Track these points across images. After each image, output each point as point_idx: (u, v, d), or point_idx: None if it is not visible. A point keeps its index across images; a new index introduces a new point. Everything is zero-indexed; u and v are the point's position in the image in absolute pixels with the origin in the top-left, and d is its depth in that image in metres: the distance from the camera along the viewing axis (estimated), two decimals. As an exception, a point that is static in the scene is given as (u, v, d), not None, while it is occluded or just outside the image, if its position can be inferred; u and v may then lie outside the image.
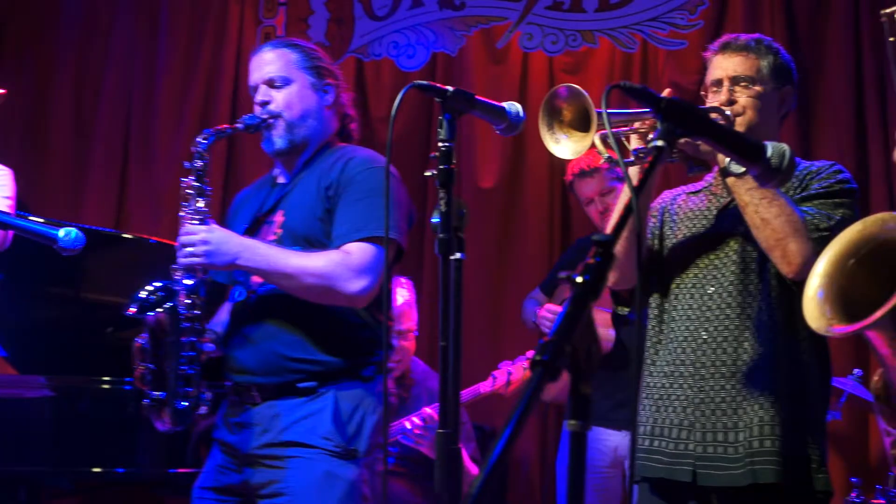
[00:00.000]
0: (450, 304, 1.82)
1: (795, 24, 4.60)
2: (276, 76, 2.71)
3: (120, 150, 5.53)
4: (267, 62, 2.73)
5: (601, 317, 3.81)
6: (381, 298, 2.51)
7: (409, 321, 3.80)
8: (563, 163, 3.83)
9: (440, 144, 1.89)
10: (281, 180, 2.81)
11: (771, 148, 1.52)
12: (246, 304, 2.67)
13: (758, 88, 2.47)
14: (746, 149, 1.48)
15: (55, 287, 3.71)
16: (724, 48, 2.54)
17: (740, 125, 2.44)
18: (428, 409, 3.59)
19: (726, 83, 2.49)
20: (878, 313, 1.32)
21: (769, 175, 1.54)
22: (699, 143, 2.26)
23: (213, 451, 2.72)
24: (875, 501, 3.50)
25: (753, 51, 2.51)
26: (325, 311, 2.59)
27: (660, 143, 1.31)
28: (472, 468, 3.79)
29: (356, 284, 2.52)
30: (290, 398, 2.58)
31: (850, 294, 1.43)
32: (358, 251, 2.54)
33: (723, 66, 2.51)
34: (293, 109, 2.70)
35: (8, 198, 3.35)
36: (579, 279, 1.10)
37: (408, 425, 3.62)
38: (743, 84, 2.47)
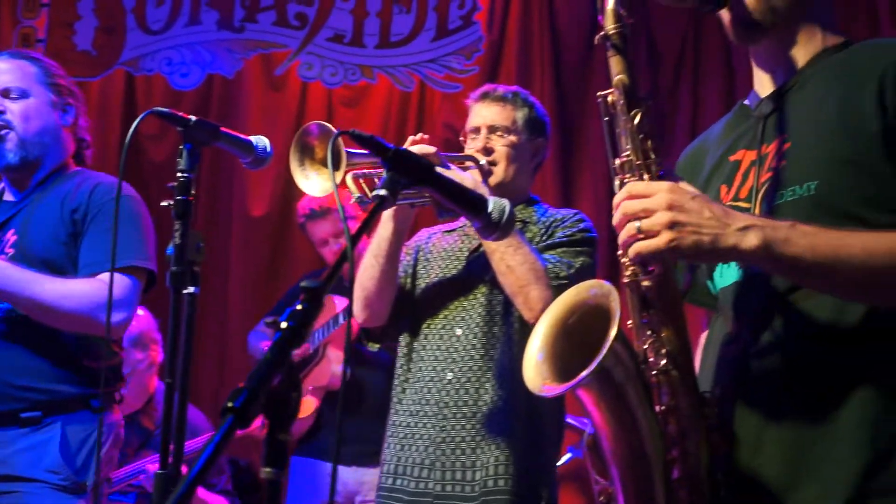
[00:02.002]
0: (181, 339, 1.77)
1: (562, 79, 4.80)
2: (12, 86, 2.60)
3: None
4: (3, 71, 2.61)
5: (335, 354, 3.82)
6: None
7: (140, 354, 3.67)
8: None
9: (178, 175, 1.84)
10: (9, 198, 2.68)
11: (492, 203, 1.57)
12: None
13: (512, 138, 2.58)
14: (469, 202, 1.52)
15: None
16: (484, 97, 2.63)
17: (495, 172, 2.54)
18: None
19: (484, 131, 2.58)
20: (582, 375, 1.38)
21: (490, 228, 1.58)
22: None
23: None
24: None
25: (510, 102, 2.61)
26: (61, 338, 2.49)
27: (382, 192, 1.33)
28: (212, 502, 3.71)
29: (116, 316, 2.41)
30: (12, 428, 2.45)
31: (566, 356, 1.49)
32: (116, 282, 2.40)
33: (481, 114, 2.61)
34: (29, 124, 2.59)
35: None
36: (284, 325, 1.09)
37: (150, 468, 3.49)
38: (499, 133, 2.57)
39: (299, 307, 1.12)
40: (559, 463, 3.39)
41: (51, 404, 2.46)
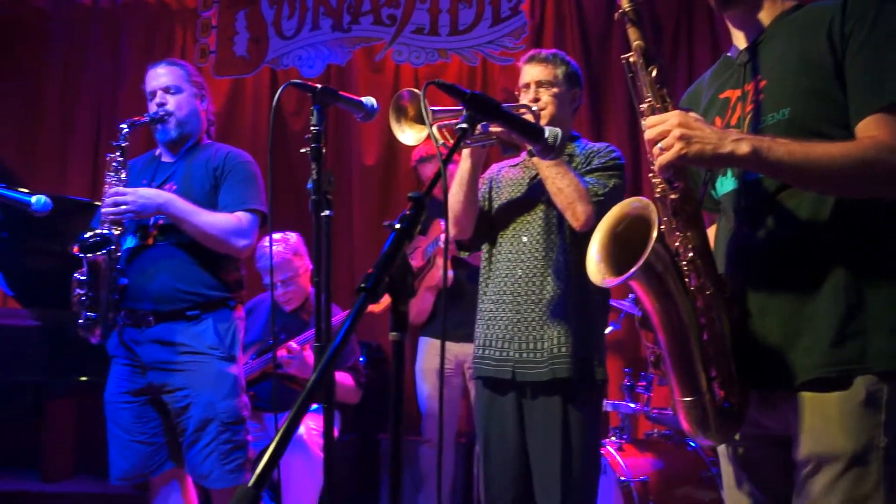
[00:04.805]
0: (322, 249, 1.74)
1: (589, 47, 4.62)
2: (171, 85, 2.70)
3: (93, 137, 5.33)
4: (163, 74, 2.72)
5: (442, 262, 3.78)
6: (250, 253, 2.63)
7: (287, 271, 3.66)
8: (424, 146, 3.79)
9: (312, 128, 1.80)
10: (166, 160, 2.76)
11: (548, 131, 1.49)
12: (143, 248, 2.61)
13: (555, 90, 2.45)
14: (530, 131, 1.45)
15: (46, 243, 3.62)
16: (531, 60, 2.50)
17: (544, 116, 2.41)
18: (293, 343, 3.52)
19: (533, 86, 2.46)
20: (633, 269, 1.35)
21: (547, 150, 1.51)
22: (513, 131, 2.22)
23: (115, 367, 2.65)
24: (639, 383, 3.62)
25: (551, 62, 2.47)
26: (210, 256, 2.59)
27: (463, 125, 1.27)
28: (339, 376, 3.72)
29: (242, 241, 2.57)
30: (180, 321, 2.56)
31: (617, 256, 1.46)
32: (245, 218, 2.59)
33: (530, 73, 2.47)
34: (182, 110, 2.70)
35: None
36: (398, 226, 1.04)
37: (285, 352, 3.54)
38: (544, 86, 2.45)
39: (407, 213, 1.06)
40: (605, 332, 3.32)
41: (204, 305, 2.58)
